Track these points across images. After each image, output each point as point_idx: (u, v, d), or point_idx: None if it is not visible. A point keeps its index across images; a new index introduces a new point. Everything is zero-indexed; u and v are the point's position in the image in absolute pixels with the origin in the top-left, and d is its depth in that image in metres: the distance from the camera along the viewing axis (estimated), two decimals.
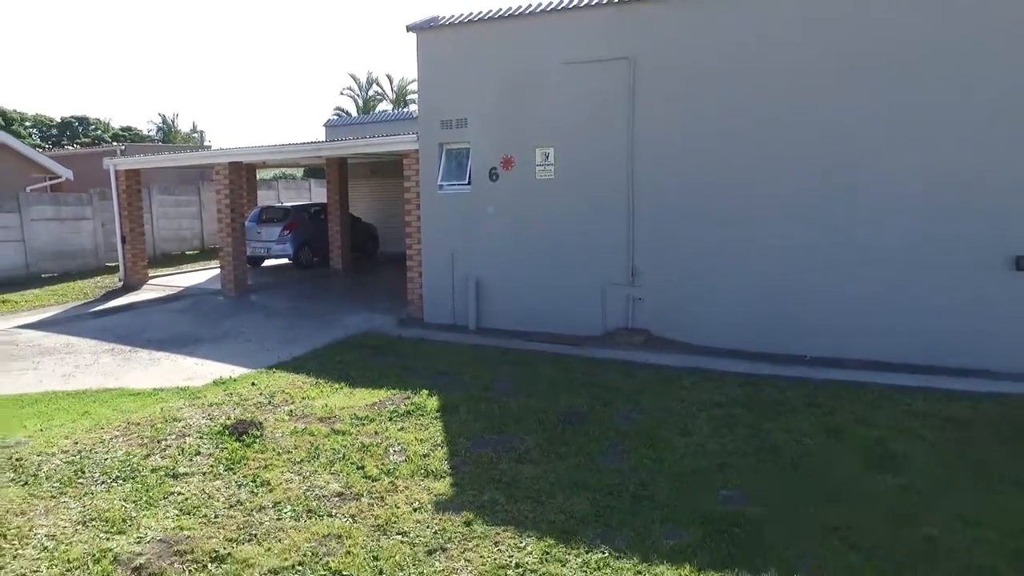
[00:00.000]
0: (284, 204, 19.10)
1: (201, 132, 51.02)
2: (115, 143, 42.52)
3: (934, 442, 5.51)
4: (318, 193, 25.08)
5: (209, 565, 3.68)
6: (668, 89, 8.75)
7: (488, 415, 6.19)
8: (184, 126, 50.95)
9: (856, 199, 7.97)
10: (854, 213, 7.99)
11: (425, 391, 6.83)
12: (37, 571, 3.55)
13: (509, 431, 5.83)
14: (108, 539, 3.90)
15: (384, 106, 40.04)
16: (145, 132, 51.63)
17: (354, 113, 39.26)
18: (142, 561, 3.64)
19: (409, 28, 10.30)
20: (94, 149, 31.22)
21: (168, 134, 48.81)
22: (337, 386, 7.12)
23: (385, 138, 11.77)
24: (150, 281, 14.95)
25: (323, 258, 16.98)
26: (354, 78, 42.39)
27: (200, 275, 16.01)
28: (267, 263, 17.53)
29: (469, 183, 10.13)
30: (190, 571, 3.60)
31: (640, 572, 3.77)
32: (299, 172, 31.96)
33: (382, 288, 13.63)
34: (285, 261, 17.25)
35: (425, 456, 5.30)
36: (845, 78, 7.89)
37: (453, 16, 10.11)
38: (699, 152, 8.65)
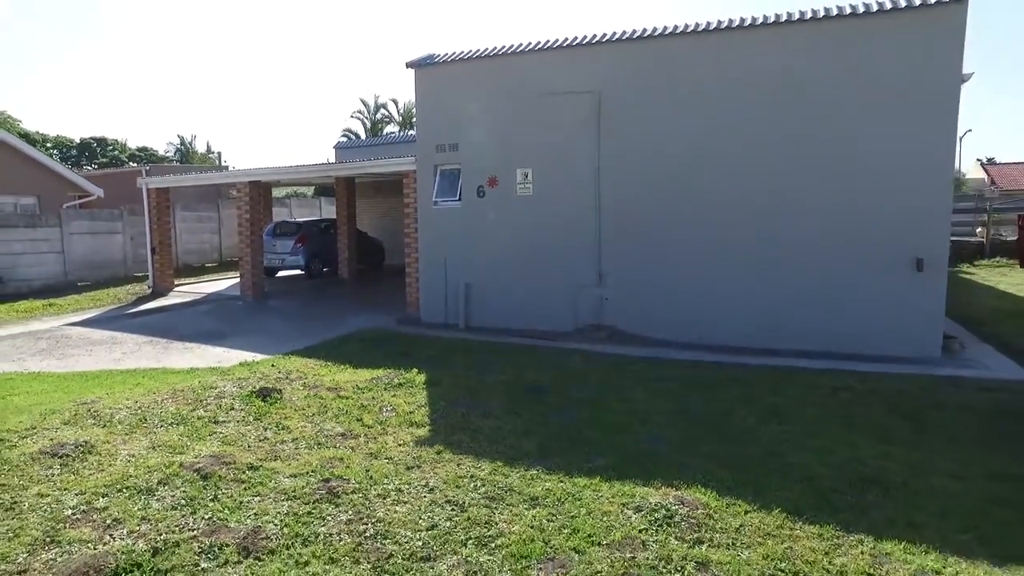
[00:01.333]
0: (297, 220, 20.63)
1: (218, 153, 53.29)
2: (132, 163, 44.48)
3: (821, 405, 6.85)
4: (328, 210, 26.67)
5: (247, 471, 5.07)
6: (628, 118, 10.21)
7: (465, 387, 7.57)
8: (199, 147, 53.15)
9: (782, 220, 9.36)
10: (782, 229, 9.39)
11: (416, 370, 8.22)
12: (127, 471, 4.95)
13: (481, 398, 7.20)
14: (173, 456, 5.31)
15: (391, 128, 42.01)
16: (162, 152, 53.84)
17: (363, 134, 41.19)
18: (199, 467, 5.03)
19: (408, 65, 11.85)
20: (118, 170, 33.21)
21: (186, 155, 50.93)
22: (342, 367, 8.53)
23: (388, 160, 13.29)
24: (176, 288, 16.51)
25: (332, 269, 18.51)
26: (363, 102, 44.45)
27: (220, 284, 17.55)
28: (281, 273, 19.07)
29: (460, 199, 11.59)
30: (234, 473, 4.99)
31: (563, 481, 5.11)
32: (310, 191, 33.68)
33: (385, 295, 15.07)
34: (298, 272, 18.77)
35: (411, 413, 6.68)
36: (777, 108, 9.33)
37: (446, 54, 11.65)
38: (655, 171, 10.09)
